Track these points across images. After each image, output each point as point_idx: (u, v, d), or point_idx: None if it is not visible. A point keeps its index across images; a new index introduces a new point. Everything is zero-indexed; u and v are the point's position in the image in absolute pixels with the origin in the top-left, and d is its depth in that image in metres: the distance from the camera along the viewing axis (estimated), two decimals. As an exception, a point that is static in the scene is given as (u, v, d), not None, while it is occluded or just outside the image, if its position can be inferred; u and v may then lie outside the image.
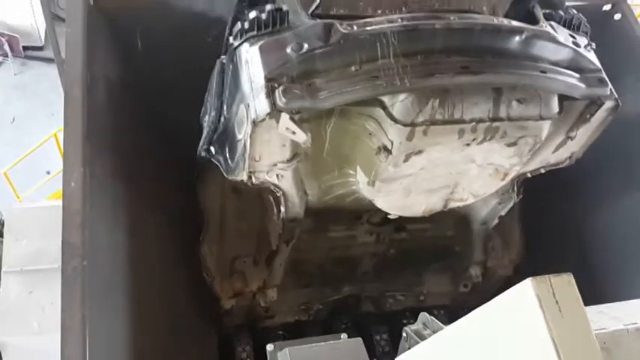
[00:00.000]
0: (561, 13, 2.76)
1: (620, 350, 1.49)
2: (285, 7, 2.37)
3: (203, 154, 2.80)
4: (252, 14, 2.36)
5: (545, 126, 2.65)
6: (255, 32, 2.36)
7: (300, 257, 3.52)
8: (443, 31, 2.37)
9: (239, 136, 2.45)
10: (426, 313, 2.44)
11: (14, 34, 11.67)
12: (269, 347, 2.83)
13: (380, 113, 2.43)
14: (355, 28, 2.33)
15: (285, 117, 2.24)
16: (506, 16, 2.75)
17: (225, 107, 2.62)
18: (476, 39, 2.42)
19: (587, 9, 3.53)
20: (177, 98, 3.36)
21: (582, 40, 2.70)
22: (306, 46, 2.29)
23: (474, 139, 2.53)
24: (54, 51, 6.40)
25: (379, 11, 2.53)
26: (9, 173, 8.62)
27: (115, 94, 2.96)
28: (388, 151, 2.50)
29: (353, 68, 2.31)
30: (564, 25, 2.72)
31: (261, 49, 2.31)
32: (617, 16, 3.54)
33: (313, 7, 2.42)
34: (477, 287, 3.89)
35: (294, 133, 2.31)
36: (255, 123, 2.28)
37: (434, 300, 4.00)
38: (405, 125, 2.39)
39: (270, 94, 2.22)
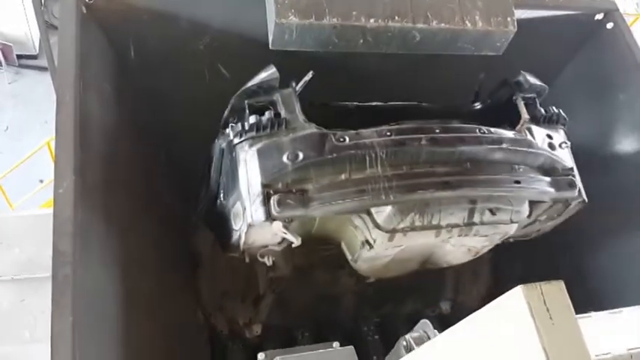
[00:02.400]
0: (542, 111, 2.94)
1: None
2: (283, 113, 2.58)
3: (201, 220, 3.09)
4: (252, 119, 2.54)
5: (515, 225, 2.84)
6: (254, 133, 2.54)
7: (283, 295, 3.71)
8: (428, 146, 2.58)
9: (235, 227, 2.66)
10: (426, 320, 2.60)
11: (8, 43, 11.63)
12: (260, 356, 2.82)
13: (365, 216, 2.62)
14: (347, 140, 2.54)
15: (278, 223, 2.45)
16: (492, 95, 3.05)
17: (222, 192, 2.82)
18: (458, 152, 2.63)
19: (580, 18, 3.56)
20: (170, 105, 3.36)
21: (559, 137, 2.92)
22: (301, 155, 2.49)
23: (449, 237, 2.75)
24: (48, 59, 6.38)
25: (372, 20, 2.67)
26: (2, 181, 8.56)
27: (107, 102, 2.95)
28: (370, 245, 2.71)
29: (343, 177, 2.51)
30: (544, 121, 2.92)
31: (259, 152, 2.52)
32: (610, 25, 3.54)
33: (301, 84, 2.65)
34: (446, 318, 4.07)
35: (285, 233, 2.51)
36: (250, 225, 2.49)
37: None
38: (386, 232, 2.61)
39: (265, 201, 2.42)
